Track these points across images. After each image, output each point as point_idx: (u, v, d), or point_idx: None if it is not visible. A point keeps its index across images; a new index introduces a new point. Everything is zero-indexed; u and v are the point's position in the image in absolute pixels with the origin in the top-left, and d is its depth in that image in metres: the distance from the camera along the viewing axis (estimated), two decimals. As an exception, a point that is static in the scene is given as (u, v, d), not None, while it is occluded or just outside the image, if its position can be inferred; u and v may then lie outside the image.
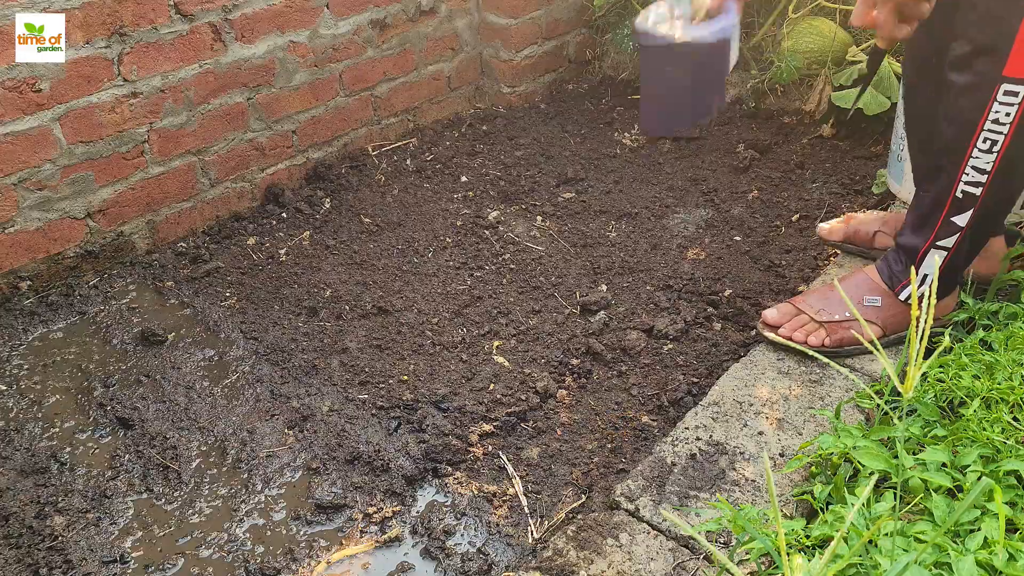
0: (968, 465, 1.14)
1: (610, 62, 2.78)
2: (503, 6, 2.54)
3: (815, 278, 1.79)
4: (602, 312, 1.79)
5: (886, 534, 1.04)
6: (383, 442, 1.51)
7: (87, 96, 1.84)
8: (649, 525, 1.25)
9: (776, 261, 1.88)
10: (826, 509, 1.17)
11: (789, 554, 1.03)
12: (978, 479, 1.10)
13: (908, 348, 0.97)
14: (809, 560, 1.00)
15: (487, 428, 1.53)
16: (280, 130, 2.22)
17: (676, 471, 1.33)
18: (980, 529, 1.03)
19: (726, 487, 1.30)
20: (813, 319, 1.54)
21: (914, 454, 1.20)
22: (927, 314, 0.98)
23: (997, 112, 1.28)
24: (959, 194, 1.37)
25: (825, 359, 1.15)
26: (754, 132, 2.40)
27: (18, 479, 1.45)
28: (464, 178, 2.31)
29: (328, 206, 2.20)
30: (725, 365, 1.59)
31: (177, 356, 1.73)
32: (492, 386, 1.62)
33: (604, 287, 1.86)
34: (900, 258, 1.51)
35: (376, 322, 1.81)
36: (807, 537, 1.10)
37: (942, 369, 1.35)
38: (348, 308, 1.85)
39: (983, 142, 1.31)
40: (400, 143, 2.50)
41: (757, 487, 1.29)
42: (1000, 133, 1.29)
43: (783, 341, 1.52)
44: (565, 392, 1.61)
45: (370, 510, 1.39)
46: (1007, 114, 1.27)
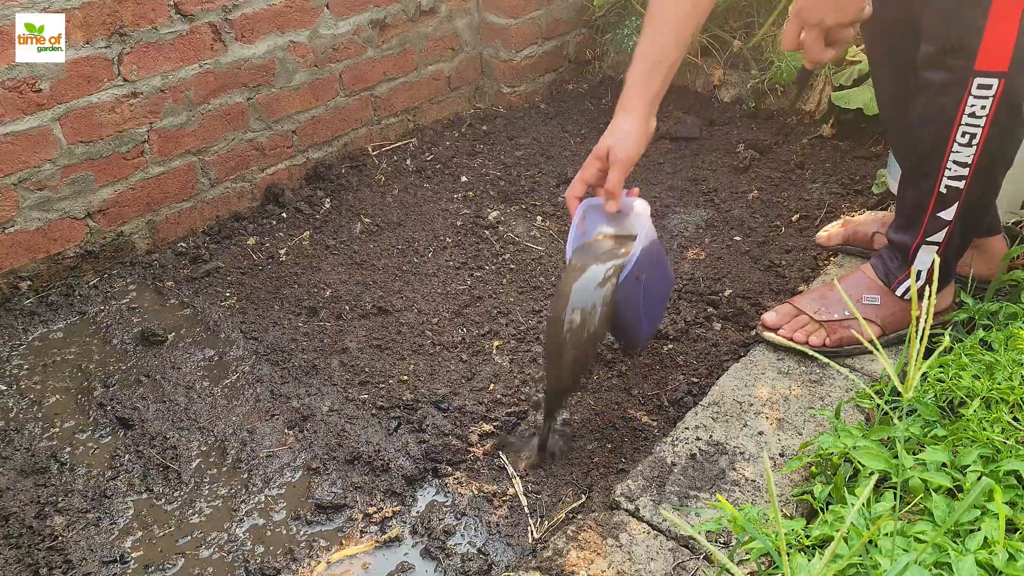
0: (968, 465, 1.14)
1: (610, 62, 2.78)
2: (503, 6, 2.54)
3: (815, 278, 1.79)
4: (602, 312, 1.79)
5: (886, 534, 1.04)
6: (383, 442, 1.51)
7: (87, 96, 1.84)
8: (649, 525, 1.25)
9: (776, 261, 1.88)
10: (826, 509, 1.17)
11: (789, 554, 1.03)
12: (978, 479, 1.10)
13: (908, 348, 0.97)
14: (809, 560, 1.01)
15: (487, 428, 1.53)
16: (280, 130, 2.22)
17: (676, 471, 1.33)
18: (980, 529, 1.03)
19: (726, 487, 1.30)
20: (813, 319, 1.55)
21: (914, 454, 1.20)
22: (927, 313, 0.98)
23: (973, 106, 1.30)
24: (943, 190, 1.39)
25: (825, 359, 1.15)
26: (754, 132, 2.40)
27: (18, 479, 1.45)
28: (464, 178, 2.31)
29: (328, 206, 2.20)
30: (725, 365, 1.59)
31: (177, 356, 1.73)
32: (492, 386, 1.62)
33: (604, 287, 1.86)
34: (894, 255, 1.52)
35: (376, 322, 1.81)
36: (807, 537, 1.10)
37: (942, 369, 1.36)
38: (348, 308, 1.85)
39: (961, 136, 1.33)
40: (400, 143, 2.50)
41: (757, 487, 1.29)
42: (977, 126, 1.31)
43: (784, 342, 1.53)
44: (565, 392, 1.61)
45: (370, 510, 1.39)
46: (983, 107, 1.29)
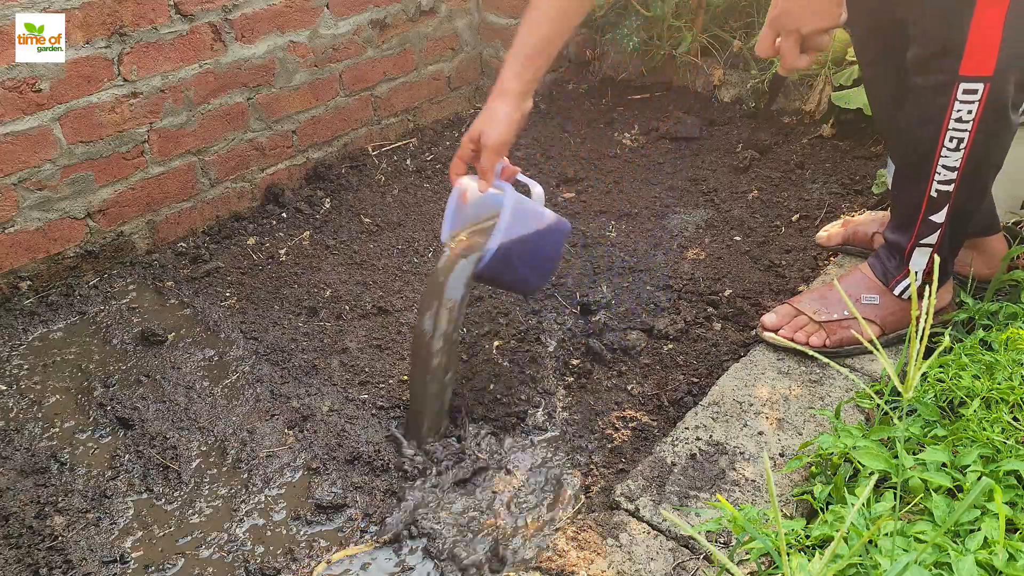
0: (968, 465, 1.14)
1: (610, 62, 2.78)
2: (503, 6, 2.54)
3: (815, 278, 1.79)
4: (602, 312, 1.79)
5: (886, 534, 1.04)
6: (383, 442, 1.51)
7: (87, 96, 1.84)
8: (649, 525, 1.25)
9: (776, 261, 1.88)
10: (826, 509, 1.17)
11: (789, 554, 1.03)
12: (978, 479, 1.10)
13: (908, 348, 0.97)
14: (809, 560, 1.01)
15: (487, 428, 1.53)
16: (280, 130, 2.22)
17: (676, 471, 1.33)
18: (980, 529, 1.03)
19: (726, 487, 1.30)
20: (812, 319, 1.55)
21: (914, 454, 1.20)
22: (927, 313, 0.98)
23: (959, 111, 1.31)
24: (933, 193, 1.39)
25: (825, 359, 1.15)
26: (754, 132, 2.40)
27: (18, 479, 1.45)
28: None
29: (328, 206, 2.20)
30: (725, 365, 1.59)
31: (177, 356, 1.73)
32: (492, 386, 1.62)
33: (604, 287, 1.86)
34: (891, 255, 1.52)
35: (376, 322, 1.81)
36: (807, 537, 1.10)
37: (942, 369, 1.36)
38: (348, 308, 1.85)
39: (950, 141, 1.34)
40: (400, 143, 2.50)
41: (757, 487, 1.29)
42: (964, 131, 1.32)
43: (784, 342, 1.53)
44: (565, 392, 1.61)
45: (370, 510, 1.39)
46: (969, 111, 1.30)
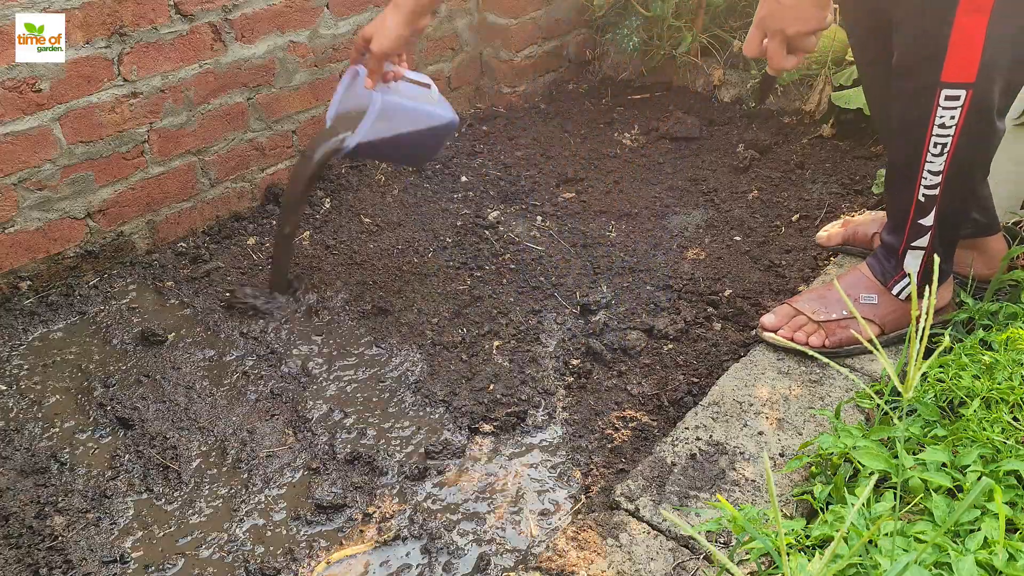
0: (968, 465, 1.14)
1: (610, 62, 2.78)
2: (503, 6, 2.54)
3: (815, 278, 1.79)
4: (602, 312, 1.79)
5: (886, 534, 1.04)
6: (383, 442, 1.51)
7: (87, 96, 1.84)
8: (649, 525, 1.25)
9: (776, 261, 1.88)
10: (826, 509, 1.17)
11: (789, 554, 1.03)
12: (978, 479, 1.10)
13: (908, 348, 0.97)
14: (809, 560, 1.01)
15: (487, 428, 1.53)
16: (280, 130, 2.22)
17: (676, 471, 1.33)
18: (980, 529, 1.03)
19: (726, 487, 1.30)
20: (811, 319, 1.55)
21: (914, 454, 1.20)
22: (927, 313, 0.98)
23: (942, 117, 1.32)
24: (921, 198, 1.41)
25: (825, 359, 1.15)
26: (754, 132, 2.40)
27: (18, 479, 1.45)
28: (464, 178, 2.31)
29: (328, 206, 2.20)
30: (725, 365, 1.59)
31: (177, 356, 1.73)
32: (492, 386, 1.62)
33: (604, 287, 1.86)
34: (888, 255, 1.52)
35: (376, 322, 1.81)
36: (807, 537, 1.10)
37: (942, 369, 1.36)
38: (348, 308, 1.85)
39: (934, 147, 1.35)
40: (400, 143, 2.49)
41: (757, 487, 1.29)
42: (947, 136, 1.33)
43: (784, 342, 1.53)
44: (565, 392, 1.61)
45: (370, 510, 1.39)
46: (951, 117, 1.31)
